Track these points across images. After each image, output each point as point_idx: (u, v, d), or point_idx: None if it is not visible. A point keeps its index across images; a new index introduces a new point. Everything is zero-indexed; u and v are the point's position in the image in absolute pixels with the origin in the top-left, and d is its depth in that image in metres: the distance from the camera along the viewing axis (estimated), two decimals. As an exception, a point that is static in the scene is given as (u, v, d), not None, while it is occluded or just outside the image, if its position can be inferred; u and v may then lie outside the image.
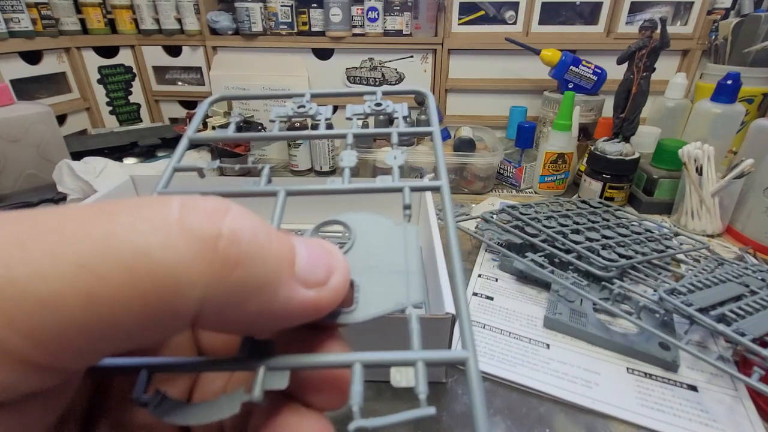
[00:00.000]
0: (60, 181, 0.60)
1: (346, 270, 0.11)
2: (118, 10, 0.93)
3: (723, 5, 0.84)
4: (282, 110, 0.17)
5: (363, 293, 0.11)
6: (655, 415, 0.33)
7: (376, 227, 0.13)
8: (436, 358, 0.10)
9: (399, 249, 0.12)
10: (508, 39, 0.82)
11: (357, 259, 0.12)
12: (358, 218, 0.13)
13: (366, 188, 0.14)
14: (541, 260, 0.46)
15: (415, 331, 0.11)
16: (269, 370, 0.10)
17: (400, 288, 0.12)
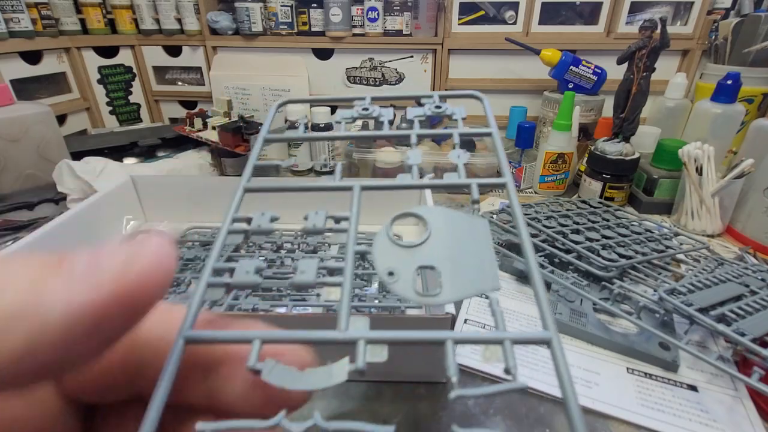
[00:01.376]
0: (60, 181, 0.60)
1: (151, 255, 0.10)
2: (118, 10, 0.93)
3: (723, 5, 0.84)
4: (347, 112, 0.18)
5: (444, 278, 0.12)
6: (655, 415, 0.33)
7: (450, 220, 0.14)
8: (521, 338, 0.11)
9: (472, 239, 0.13)
10: (508, 39, 0.82)
11: (435, 248, 0.13)
12: (431, 211, 0.14)
13: (438, 184, 0.16)
14: (541, 260, 0.46)
15: (497, 313, 0.12)
16: (369, 343, 0.11)
17: (478, 275, 0.12)
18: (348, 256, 0.13)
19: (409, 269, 0.12)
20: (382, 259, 0.13)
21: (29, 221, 0.58)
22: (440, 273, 0.12)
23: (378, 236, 0.13)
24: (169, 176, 0.68)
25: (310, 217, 0.14)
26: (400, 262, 0.12)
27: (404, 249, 0.13)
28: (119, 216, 0.56)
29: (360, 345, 0.11)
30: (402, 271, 0.12)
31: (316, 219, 0.14)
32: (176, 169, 0.72)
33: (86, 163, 0.61)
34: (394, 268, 0.12)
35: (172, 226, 0.58)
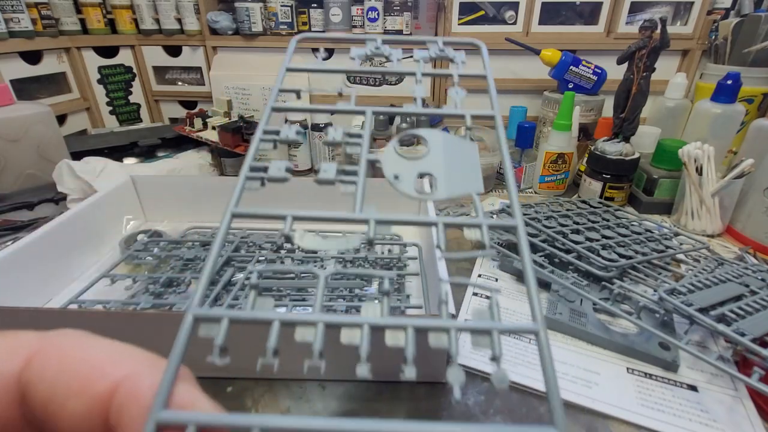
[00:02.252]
0: (60, 181, 0.60)
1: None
2: (118, 10, 0.93)
3: (723, 5, 0.84)
4: (361, 50, 0.21)
5: (438, 182, 0.15)
6: (655, 415, 0.33)
7: (446, 140, 0.17)
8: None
9: (463, 156, 0.16)
10: (508, 39, 0.82)
11: (432, 161, 0.16)
12: (433, 134, 0.17)
13: (435, 113, 0.19)
14: (541, 260, 0.46)
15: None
16: (378, 223, 0.14)
17: (465, 182, 0.15)
18: (362, 164, 0.16)
19: (411, 174, 0.16)
20: (389, 166, 0.16)
21: (29, 221, 0.58)
22: (436, 178, 0.15)
23: (387, 149, 0.16)
24: (169, 176, 0.68)
25: (329, 132, 0.17)
26: (403, 168, 0.16)
27: (407, 159, 0.16)
28: (119, 216, 0.56)
29: (371, 223, 0.14)
30: (405, 175, 0.15)
31: (335, 134, 0.17)
32: (176, 169, 0.72)
33: (86, 163, 0.61)
34: (398, 172, 0.16)
35: (172, 226, 0.58)
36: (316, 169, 0.16)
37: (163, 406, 0.10)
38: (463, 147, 0.17)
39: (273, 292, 0.42)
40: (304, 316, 0.12)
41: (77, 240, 0.48)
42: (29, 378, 0.11)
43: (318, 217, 0.15)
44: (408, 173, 0.15)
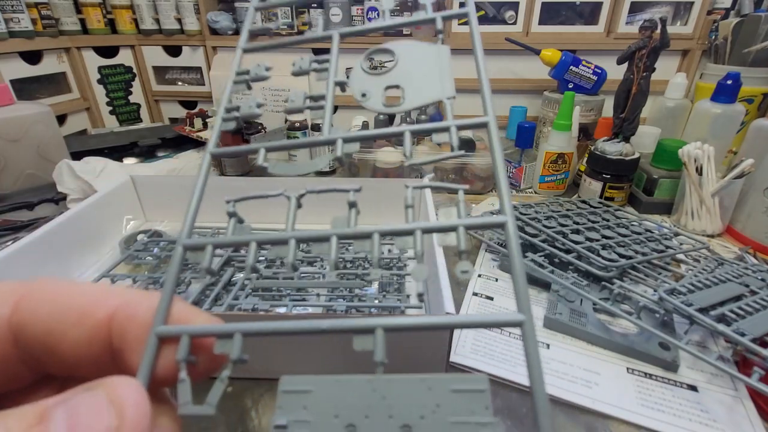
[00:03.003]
0: (60, 181, 0.60)
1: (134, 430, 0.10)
2: (118, 10, 0.93)
3: (723, 5, 0.84)
4: None
5: (407, 93, 0.15)
6: (655, 415, 0.33)
7: (415, 49, 0.16)
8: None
9: (434, 62, 0.16)
10: (508, 39, 0.82)
11: (401, 72, 0.16)
12: (401, 45, 0.16)
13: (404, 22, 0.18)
14: (541, 260, 0.46)
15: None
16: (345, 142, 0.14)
17: (436, 88, 0.15)
18: (329, 88, 0.16)
19: (379, 89, 0.15)
20: (357, 85, 0.16)
21: (29, 221, 0.58)
22: (403, 89, 0.15)
23: (354, 68, 0.16)
24: (169, 176, 0.68)
25: (296, 62, 0.17)
26: (371, 85, 0.15)
27: (374, 75, 0.16)
28: (119, 216, 0.56)
29: (339, 142, 0.14)
30: (373, 91, 0.15)
31: (302, 63, 0.17)
32: (176, 169, 0.72)
33: (86, 163, 0.61)
34: (366, 90, 0.15)
35: (172, 226, 0.58)
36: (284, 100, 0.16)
37: (162, 322, 0.12)
38: (434, 53, 0.16)
39: (273, 292, 0.42)
40: (278, 234, 0.13)
41: (77, 240, 0.48)
42: (21, 319, 0.12)
43: (288, 145, 0.16)
44: (376, 89, 0.15)
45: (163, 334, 0.12)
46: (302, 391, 0.10)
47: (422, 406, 0.10)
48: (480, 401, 0.10)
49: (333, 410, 0.10)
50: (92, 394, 0.10)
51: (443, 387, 0.10)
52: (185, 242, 0.13)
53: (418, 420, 0.10)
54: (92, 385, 0.10)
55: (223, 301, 0.40)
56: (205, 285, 0.42)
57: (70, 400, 0.10)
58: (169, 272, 0.13)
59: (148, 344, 0.11)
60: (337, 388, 0.10)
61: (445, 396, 0.10)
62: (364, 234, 0.13)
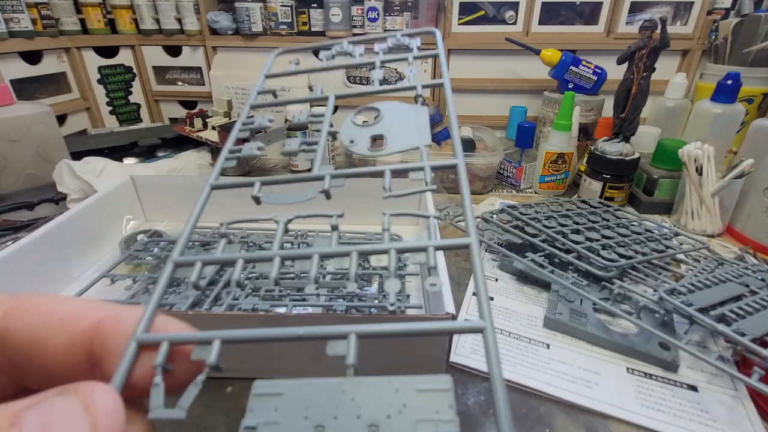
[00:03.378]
0: (60, 181, 0.60)
1: None
2: (118, 10, 0.93)
3: (723, 5, 0.84)
4: (328, 51, 0.25)
5: (389, 140, 0.18)
6: (655, 415, 0.33)
7: (398, 108, 0.19)
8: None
9: (414, 119, 0.19)
10: (508, 39, 0.82)
11: (384, 125, 0.19)
12: (386, 104, 0.19)
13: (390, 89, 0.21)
14: (541, 260, 0.46)
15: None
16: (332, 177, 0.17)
17: (414, 138, 0.18)
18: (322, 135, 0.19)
19: (365, 137, 0.18)
20: (346, 134, 0.18)
21: (29, 221, 0.58)
22: (386, 138, 0.18)
23: (345, 122, 0.19)
24: (169, 176, 0.68)
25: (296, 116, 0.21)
26: (358, 134, 0.18)
27: (362, 127, 0.19)
28: (119, 216, 0.56)
29: (326, 178, 0.17)
30: (359, 139, 0.18)
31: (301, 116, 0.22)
32: (176, 169, 0.72)
33: (86, 163, 0.61)
34: (354, 137, 0.18)
35: (172, 226, 0.58)
36: (283, 144, 0.18)
37: (144, 330, 0.12)
38: (414, 111, 0.19)
39: (273, 292, 0.42)
40: (263, 253, 0.15)
41: (77, 240, 0.48)
42: (6, 327, 0.12)
43: (281, 180, 0.18)
44: (362, 137, 0.18)
45: (143, 340, 0.12)
46: (274, 393, 0.11)
47: (389, 406, 0.10)
48: (444, 400, 0.10)
49: (303, 412, 0.10)
50: (66, 399, 0.10)
51: (409, 387, 0.11)
52: (176, 259, 0.15)
53: (385, 419, 0.10)
54: (65, 389, 0.10)
55: (223, 301, 0.40)
56: (205, 285, 0.42)
57: (43, 403, 0.09)
58: (158, 286, 0.14)
59: (127, 350, 0.12)
60: (308, 390, 0.11)
61: (411, 396, 0.10)
62: (343, 253, 0.14)
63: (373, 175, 0.17)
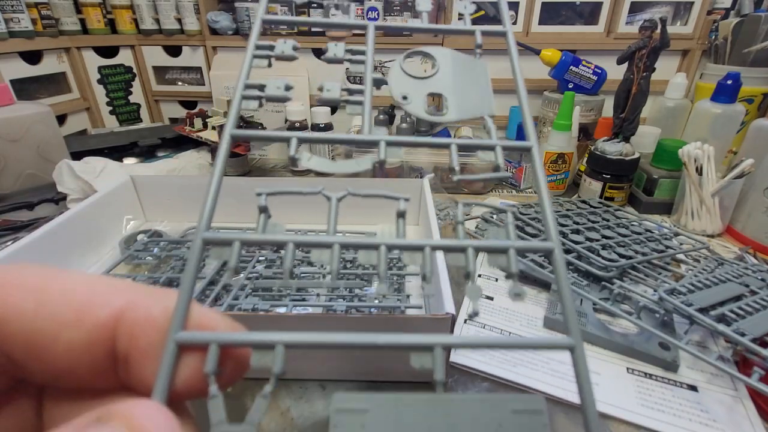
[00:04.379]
0: (60, 181, 0.60)
1: None
2: (118, 10, 0.93)
3: (723, 5, 0.84)
4: None
5: (450, 103, 0.15)
6: (655, 415, 0.33)
7: (455, 59, 0.16)
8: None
9: (473, 76, 0.16)
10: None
11: (442, 80, 0.15)
12: (440, 51, 0.16)
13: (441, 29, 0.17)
14: (541, 260, 0.46)
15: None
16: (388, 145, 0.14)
17: (477, 103, 0.15)
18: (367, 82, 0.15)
19: (421, 94, 0.15)
20: (396, 86, 0.15)
21: (29, 221, 0.58)
22: (446, 98, 0.15)
23: (392, 68, 0.15)
24: (169, 176, 0.68)
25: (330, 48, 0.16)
26: (412, 88, 0.15)
27: (416, 79, 0.15)
28: (119, 216, 0.56)
29: (381, 145, 0.14)
30: (414, 95, 0.15)
31: (336, 50, 0.16)
32: (176, 169, 0.72)
33: (86, 163, 0.61)
34: (407, 92, 0.15)
35: (172, 226, 0.58)
36: (319, 88, 0.15)
37: (181, 327, 0.10)
38: (473, 66, 0.16)
39: (273, 292, 0.42)
40: (319, 238, 0.12)
41: (77, 240, 0.48)
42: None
43: (325, 139, 0.14)
44: (417, 93, 0.15)
45: (186, 341, 0.10)
46: (358, 410, 0.10)
47: (485, 426, 0.10)
48: (539, 421, 0.10)
49: (393, 429, 0.10)
50: (108, 428, 0.08)
51: (504, 407, 0.10)
52: (205, 235, 0.12)
53: None
54: (104, 414, 0.08)
55: (223, 301, 0.40)
56: (205, 285, 0.42)
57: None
58: (188, 269, 0.11)
59: (166, 353, 0.10)
60: (396, 406, 0.10)
61: (506, 416, 0.10)
62: (413, 246, 0.12)
63: (438, 146, 0.14)
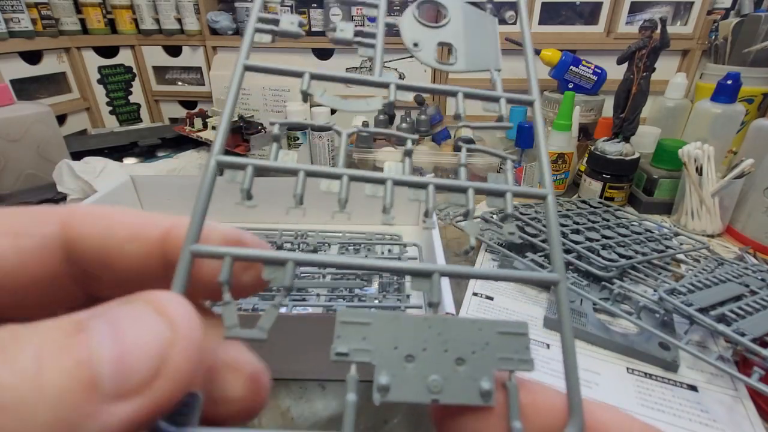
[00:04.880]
0: (60, 181, 0.60)
1: (187, 344, 0.09)
2: (118, 10, 0.93)
3: (723, 5, 0.84)
4: None
5: (459, 54, 0.15)
6: (655, 415, 0.33)
7: (467, 11, 0.16)
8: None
9: (483, 29, 0.15)
10: (508, 39, 0.82)
11: (452, 30, 0.15)
12: (451, 2, 0.16)
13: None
14: (541, 260, 0.46)
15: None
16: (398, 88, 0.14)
17: (486, 57, 0.15)
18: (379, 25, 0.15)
19: (431, 42, 0.15)
20: (408, 33, 0.15)
21: (29, 221, 0.58)
22: (456, 49, 0.15)
23: (405, 15, 0.15)
24: (169, 176, 0.68)
25: (338, 28, 0.15)
26: (423, 36, 0.15)
27: (427, 27, 0.15)
28: (119, 216, 0.56)
29: (392, 87, 0.14)
30: (425, 43, 0.15)
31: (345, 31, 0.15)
32: (176, 169, 0.72)
33: (86, 163, 0.61)
34: (418, 40, 0.15)
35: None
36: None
37: (194, 239, 0.11)
38: (484, 20, 0.16)
39: (272, 292, 0.42)
40: (330, 169, 0.13)
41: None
42: (73, 236, 0.11)
43: (337, 77, 0.14)
44: (428, 41, 0.15)
45: (200, 251, 0.11)
46: (360, 323, 0.11)
47: (473, 344, 0.11)
48: (522, 343, 0.12)
49: (392, 342, 0.11)
50: (135, 305, 0.09)
51: (491, 329, 0.11)
52: (220, 158, 0.12)
53: (470, 354, 0.11)
54: (131, 298, 0.09)
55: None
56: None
57: (109, 312, 0.09)
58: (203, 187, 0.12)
59: (181, 261, 0.11)
60: (395, 323, 0.11)
61: (493, 336, 0.11)
62: (419, 183, 0.13)
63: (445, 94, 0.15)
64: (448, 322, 0.11)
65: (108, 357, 0.08)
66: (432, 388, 0.10)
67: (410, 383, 0.10)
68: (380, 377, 0.10)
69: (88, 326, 0.08)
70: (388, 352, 0.11)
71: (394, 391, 0.10)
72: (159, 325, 0.09)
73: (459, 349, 0.11)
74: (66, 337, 0.08)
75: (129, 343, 0.08)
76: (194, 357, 0.09)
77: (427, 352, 0.11)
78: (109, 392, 0.08)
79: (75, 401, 0.07)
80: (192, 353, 0.09)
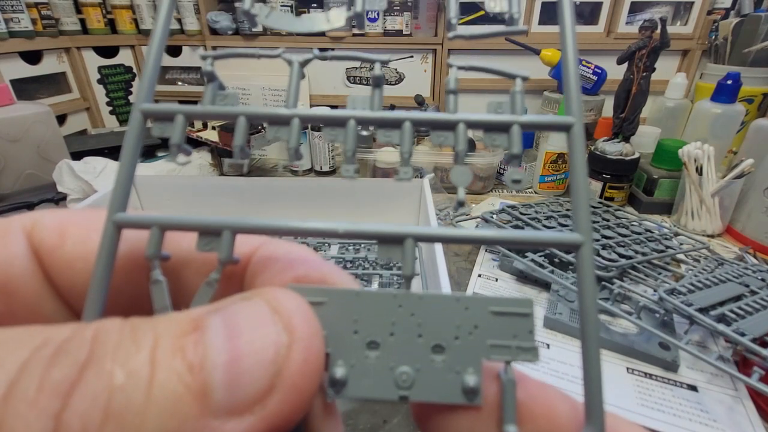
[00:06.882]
0: (60, 181, 0.60)
1: (304, 351, 0.08)
2: (118, 10, 0.93)
3: (723, 5, 0.84)
4: None
5: None
6: (655, 415, 0.33)
7: None
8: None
9: None
10: (508, 39, 0.82)
11: None
12: None
13: None
14: (541, 260, 0.46)
15: None
16: None
17: None
18: None
19: None
20: None
21: (29, 221, 0.58)
22: None
23: None
24: (169, 176, 0.68)
25: None
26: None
27: None
28: (119, 216, 0.56)
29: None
30: None
31: None
32: (176, 169, 0.72)
33: (86, 163, 0.61)
34: None
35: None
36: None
37: (120, 208, 0.10)
38: None
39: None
40: (275, 110, 0.10)
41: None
42: None
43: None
44: None
45: (125, 221, 0.10)
46: (314, 302, 0.09)
47: (457, 327, 0.09)
48: (523, 325, 0.09)
49: (351, 325, 0.09)
50: (252, 303, 0.08)
51: (482, 307, 0.09)
52: (144, 107, 0.11)
53: (452, 341, 0.09)
54: (248, 294, 0.09)
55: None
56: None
57: (226, 308, 0.08)
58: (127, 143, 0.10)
59: (105, 234, 0.09)
60: (356, 301, 0.09)
61: (484, 317, 0.09)
62: (391, 120, 0.10)
63: None
64: (424, 299, 0.09)
65: (221, 361, 0.07)
66: (400, 383, 0.09)
67: (373, 376, 0.09)
68: (335, 369, 0.09)
69: (204, 323, 0.08)
70: (346, 338, 0.09)
71: (352, 386, 0.09)
72: (273, 324, 0.08)
73: (437, 333, 0.09)
74: (182, 335, 0.07)
75: (243, 346, 0.08)
76: (312, 369, 0.08)
77: (395, 338, 0.09)
78: (221, 406, 0.07)
79: (184, 413, 0.07)
80: (309, 364, 0.08)
